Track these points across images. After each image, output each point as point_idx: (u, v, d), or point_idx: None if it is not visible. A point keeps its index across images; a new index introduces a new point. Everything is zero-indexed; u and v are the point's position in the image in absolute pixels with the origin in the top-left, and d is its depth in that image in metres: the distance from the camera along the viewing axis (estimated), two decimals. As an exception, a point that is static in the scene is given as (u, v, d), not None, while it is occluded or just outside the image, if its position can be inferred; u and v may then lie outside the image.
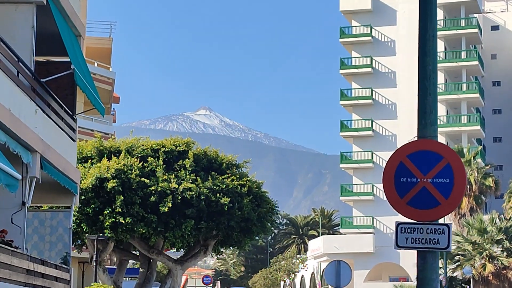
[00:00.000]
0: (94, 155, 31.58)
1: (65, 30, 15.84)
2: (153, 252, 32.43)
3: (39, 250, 17.09)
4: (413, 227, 7.90)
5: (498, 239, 51.20)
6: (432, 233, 7.83)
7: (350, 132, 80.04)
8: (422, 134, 7.99)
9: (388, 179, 8.05)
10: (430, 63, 8.03)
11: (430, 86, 7.98)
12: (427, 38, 8.11)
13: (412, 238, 7.91)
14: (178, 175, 30.64)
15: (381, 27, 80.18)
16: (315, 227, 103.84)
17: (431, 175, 7.93)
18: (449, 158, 7.91)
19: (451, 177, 7.89)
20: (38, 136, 14.35)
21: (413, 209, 7.94)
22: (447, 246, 7.83)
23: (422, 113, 7.95)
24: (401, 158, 8.01)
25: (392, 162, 8.10)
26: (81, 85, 15.37)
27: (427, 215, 7.91)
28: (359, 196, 78.57)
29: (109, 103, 52.76)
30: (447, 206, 7.90)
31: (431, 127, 7.93)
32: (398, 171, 8.01)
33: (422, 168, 7.95)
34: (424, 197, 7.91)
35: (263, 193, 32.70)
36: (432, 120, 7.93)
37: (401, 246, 7.98)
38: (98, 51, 51.04)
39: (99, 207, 29.48)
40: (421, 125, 7.99)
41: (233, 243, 33.26)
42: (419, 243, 7.89)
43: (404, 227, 7.96)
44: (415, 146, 7.99)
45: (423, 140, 8.00)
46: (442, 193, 7.88)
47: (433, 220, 7.94)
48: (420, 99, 7.98)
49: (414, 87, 68.80)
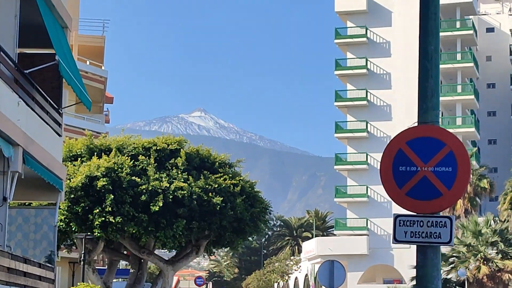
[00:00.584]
0: (84, 153, 31.04)
1: (50, 20, 15.31)
2: (144, 252, 31.90)
3: (23, 248, 16.54)
4: (413, 220, 7.29)
5: (493, 241, 50.86)
6: (433, 226, 7.21)
7: (344, 134, 79.63)
8: (423, 120, 7.38)
9: (386, 168, 7.47)
10: (432, 42, 7.43)
11: (432, 68, 7.37)
12: (428, 16, 7.56)
13: (411, 231, 7.28)
14: (169, 174, 30.13)
15: (376, 28, 79.83)
16: (309, 229, 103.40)
17: (432, 164, 7.33)
18: (452, 145, 7.32)
19: (454, 165, 7.28)
20: (21, 129, 13.81)
21: (413, 200, 7.33)
22: (449, 240, 7.22)
23: (422, 96, 7.34)
24: (400, 145, 7.42)
25: (390, 149, 7.51)
26: (66, 77, 14.83)
27: (428, 206, 7.30)
28: (353, 197, 78.17)
29: (101, 102, 52.22)
30: (449, 197, 7.26)
31: (433, 111, 7.34)
32: (396, 159, 7.41)
33: (423, 156, 7.35)
34: (425, 187, 7.31)
35: (256, 192, 32.19)
36: (433, 104, 7.33)
37: (400, 240, 7.33)
38: (91, 49, 50.53)
39: (89, 206, 28.96)
40: (422, 109, 7.38)
41: (225, 243, 32.73)
42: (419, 237, 7.27)
43: (403, 219, 7.34)
44: (415, 132, 7.40)
45: (424, 125, 7.40)
46: (444, 183, 7.27)
47: (434, 212, 7.32)
48: (421, 82, 7.36)
49: (409, 88, 68.58)
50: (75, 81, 15.37)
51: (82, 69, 47.05)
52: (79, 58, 48.87)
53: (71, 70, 15.53)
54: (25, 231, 16.77)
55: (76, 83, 15.48)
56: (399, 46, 78.52)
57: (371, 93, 79.32)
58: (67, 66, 15.30)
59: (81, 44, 49.72)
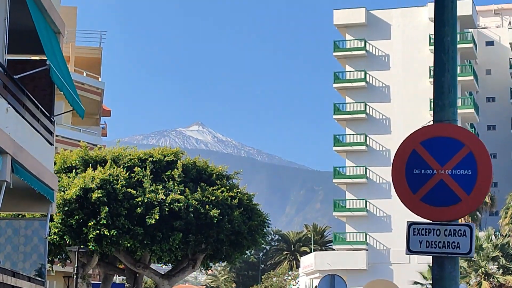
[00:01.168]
0: (79, 165, 30.53)
1: (41, 24, 14.76)
2: (140, 266, 31.33)
3: (13, 261, 15.92)
4: (428, 228, 6.61)
5: (494, 256, 50.42)
6: (451, 235, 6.54)
7: (343, 147, 79.09)
8: (439, 118, 6.70)
9: (398, 171, 6.77)
10: (449, 33, 6.76)
11: (449, 61, 6.72)
12: (445, 5, 6.92)
13: (427, 241, 6.60)
14: (166, 186, 29.63)
15: (375, 41, 79.47)
16: (307, 243, 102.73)
17: (449, 166, 6.67)
18: (472, 146, 6.66)
19: (474, 168, 6.63)
20: (9, 136, 13.23)
21: (428, 206, 6.67)
22: (469, 251, 6.53)
23: (438, 93, 6.69)
24: (414, 146, 6.72)
25: (403, 150, 6.81)
26: (57, 83, 14.26)
27: (445, 213, 6.64)
28: (352, 211, 77.51)
29: (98, 114, 51.69)
30: (469, 203, 6.63)
31: (450, 109, 6.65)
32: (410, 162, 6.73)
33: (439, 158, 6.69)
34: (442, 192, 6.65)
35: (254, 205, 31.67)
36: (451, 101, 6.64)
37: (414, 251, 6.62)
38: (88, 60, 50.06)
39: (83, 219, 28.46)
40: (438, 107, 6.71)
41: (222, 257, 32.18)
42: (435, 247, 6.58)
43: (417, 228, 6.64)
44: (430, 132, 6.71)
45: (440, 124, 6.72)
46: (463, 187, 6.62)
47: (452, 219, 6.65)
48: (437, 77, 6.70)
49: (408, 101, 68.09)
50: (67, 87, 14.81)
51: (78, 80, 46.58)
52: (76, 69, 48.42)
53: (63, 77, 14.98)
54: (14, 243, 16.16)
55: (68, 89, 14.92)
56: (398, 59, 78.16)
57: (370, 106, 78.87)
58: (59, 72, 14.75)
59: (78, 55, 49.28)
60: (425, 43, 77.46)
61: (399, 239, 74.40)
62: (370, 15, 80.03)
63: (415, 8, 79.70)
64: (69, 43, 48.33)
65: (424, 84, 76.98)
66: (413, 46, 77.97)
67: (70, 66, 46.51)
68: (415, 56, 77.73)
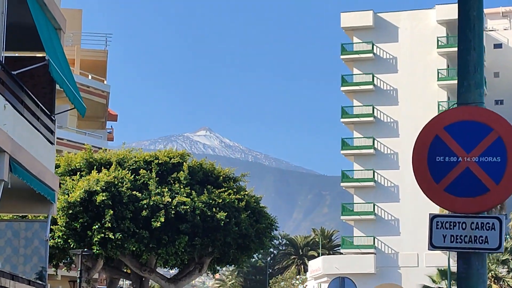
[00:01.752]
0: (83, 167, 30.09)
1: (41, 20, 14.30)
2: (145, 270, 30.87)
3: (12, 264, 15.46)
4: (453, 221, 6.02)
5: (504, 259, 49.93)
6: (478, 228, 5.98)
7: (351, 150, 78.58)
8: (464, 100, 6.12)
9: (420, 158, 6.18)
10: (474, 7, 6.12)
11: (475, 38, 6.16)
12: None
13: (451, 235, 6.01)
14: (172, 188, 29.18)
15: (382, 44, 78.99)
16: (315, 247, 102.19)
17: (476, 153, 6.11)
18: (500, 130, 6.06)
19: (503, 154, 6.04)
20: (7, 134, 12.76)
21: (453, 197, 6.09)
22: (498, 246, 5.97)
23: (463, 72, 6.10)
24: (437, 131, 6.14)
25: (425, 136, 6.20)
26: (57, 79, 13.79)
27: (472, 205, 6.06)
28: (360, 215, 76.95)
29: (103, 117, 51.28)
30: (497, 193, 6.06)
31: (476, 90, 6.08)
32: (432, 148, 6.15)
33: (465, 144, 6.12)
34: (468, 182, 6.08)
35: (261, 208, 31.20)
36: (476, 82, 6.07)
37: (437, 246, 6.03)
38: (93, 63, 49.66)
39: (88, 222, 28.03)
40: (463, 88, 6.12)
41: (229, 260, 31.70)
42: (461, 241, 6.01)
43: (441, 221, 6.05)
44: (455, 115, 6.13)
45: (465, 107, 6.15)
46: (491, 176, 6.05)
47: (479, 211, 6.09)
48: (461, 55, 6.12)
49: (416, 104, 67.50)
50: (67, 84, 14.34)
51: (84, 83, 46.20)
52: (81, 72, 48.04)
53: (63, 73, 14.50)
54: (14, 246, 15.70)
55: (68, 86, 14.45)
56: (406, 62, 77.65)
57: (377, 109, 78.35)
58: (60, 69, 14.28)
59: (83, 58, 48.89)
60: (433, 45, 76.94)
61: (408, 242, 73.89)
62: (377, 18, 79.55)
63: (423, 11, 79.20)
64: (74, 45, 47.99)
65: (432, 86, 76.46)
66: (421, 49, 77.46)
67: (75, 69, 46.12)
68: (423, 58, 77.21)
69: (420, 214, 74.81)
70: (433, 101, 74.95)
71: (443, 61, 76.95)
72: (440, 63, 77.10)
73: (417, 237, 72.60)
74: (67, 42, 46.82)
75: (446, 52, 76.55)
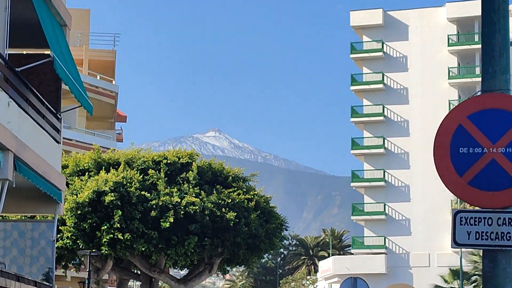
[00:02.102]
0: (91, 168, 29.84)
1: (45, 15, 14.02)
2: (155, 271, 30.60)
3: (19, 265, 15.18)
4: (478, 217, 5.66)
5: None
6: (505, 224, 5.60)
7: (361, 150, 78.14)
8: (489, 87, 5.76)
9: (442, 150, 5.80)
10: None
11: (500, 21, 5.78)
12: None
13: (476, 232, 5.65)
14: (180, 188, 28.90)
15: (392, 43, 78.51)
16: (325, 248, 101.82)
17: (503, 143, 5.73)
18: None
19: None
20: (11, 132, 12.48)
21: (478, 191, 5.72)
22: None
23: (488, 57, 5.75)
24: (460, 121, 5.76)
25: (448, 126, 5.82)
26: (62, 76, 13.50)
27: (498, 199, 5.68)
28: (370, 215, 76.51)
29: (112, 118, 51.09)
30: None
31: (501, 76, 5.72)
32: (455, 139, 5.78)
33: (490, 134, 5.75)
34: (494, 174, 5.72)
35: (271, 208, 30.90)
36: (502, 67, 5.71)
37: (461, 243, 5.65)
38: (101, 63, 49.47)
39: (96, 223, 27.79)
40: (487, 74, 5.76)
41: (239, 261, 31.41)
42: (487, 238, 5.65)
43: (465, 216, 5.68)
44: (479, 103, 5.76)
45: (491, 94, 5.77)
46: None
47: (506, 206, 5.70)
48: (486, 39, 5.77)
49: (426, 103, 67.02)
50: (73, 81, 14.05)
51: (92, 83, 46.02)
52: (90, 72, 47.85)
53: (69, 70, 14.21)
54: (21, 246, 15.42)
55: (74, 83, 14.16)
56: (416, 60, 77.15)
57: (388, 109, 77.89)
58: (65, 66, 13.99)
59: (91, 58, 48.71)
60: (444, 43, 76.44)
61: (419, 242, 73.43)
62: (387, 16, 79.10)
63: (433, 9, 78.68)
64: (82, 45, 47.81)
65: (443, 85, 75.96)
66: (432, 47, 76.97)
67: (83, 69, 45.93)
68: (434, 57, 76.71)
69: (431, 214, 74.44)
70: (444, 100, 74.45)
71: (454, 59, 76.42)
72: (451, 61, 76.60)
73: (428, 237, 72.17)
74: (75, 42, 46.64)
75: (457, 50, 76.05)
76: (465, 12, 76.39)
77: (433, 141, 5.92)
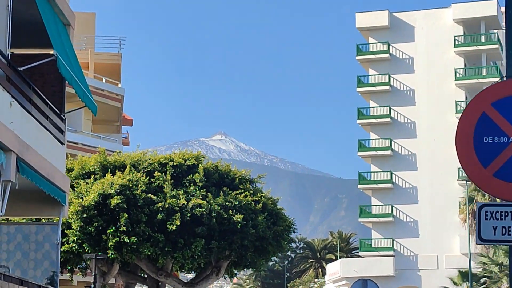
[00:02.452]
0: (97, 170, 29.59)
1: (49, 15, 13.78)
2: (162, 274, 30.33)
3: (23, 269, 14.93)
4: (505, 211, 5.28)
5: (527, 261, 49.04)
6: None
7: (368, 152, 77.83)
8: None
9: (465, 140, 5.43)
10: None
11: None
12: None
13: (502, 227, 5.25)
14: (187, 190, 28.62)
15: (399, 44, 78.21)
16: (333, 250, 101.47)
17: None
18: None
19: None
20: (14, 133, 12.22)
21: (504, 183, 5.33)
22: None
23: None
24: (484, 108, 5.39)
25: (470, 114, 5.45)
26: (66, 75, 13.25)
27: None
28: (378, 217, 76.13)
29: (118, 121, 50.87)
30: None
31: None
32: (479, 128, 5.41)
33: None
34: None
35: (279, 210, 30.60)
36: None
37: (486, 239, 5.33)
38: (107, 66, 49.28)
39: (102, 226, 27.53)
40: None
41: (247, 264, 31.09)
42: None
43: (490, 210, 5.30)
44: (504, 90, 5.37)
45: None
46: None
47: None
48: (510, 21, 5.49)
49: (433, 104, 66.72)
50: (77, 81, 13.80)
51: (98, 87, 45.83)
52: (95, 75, 47.66)
53: (73, 70, 13.95)
54: (25, 249, 15.16)
55: (78, 83, 13.90)
56: (423, 62, 76.85)
57: (394, 110, 77.58)
58: (69, 65, 13.74)
59: (97, 61, 48.52)
60: (450, 44, 76.10)
61: (427, 244, 73.04)
62: (393, 18, 78.82)
63: (439, 10, 78.36)
64: (88, 49, 47.62)
65: (450, 86, 75.61)
66: (438, 48, 76.64)
67: (89, 72, 45.74)
68: (440, 58, 76.37)
69: (439, 216, 74.07)
70: (451, 101, 74.11)
71: (460, 61, 76.04)
72: (457, 63, 76.24)
73: (437, 238, 71.79)
74: (80, 45, 46.46)
75: (463, 51, 75.71)
76: (471, 13, 76.07)
77: (440, 142, 5.61)
